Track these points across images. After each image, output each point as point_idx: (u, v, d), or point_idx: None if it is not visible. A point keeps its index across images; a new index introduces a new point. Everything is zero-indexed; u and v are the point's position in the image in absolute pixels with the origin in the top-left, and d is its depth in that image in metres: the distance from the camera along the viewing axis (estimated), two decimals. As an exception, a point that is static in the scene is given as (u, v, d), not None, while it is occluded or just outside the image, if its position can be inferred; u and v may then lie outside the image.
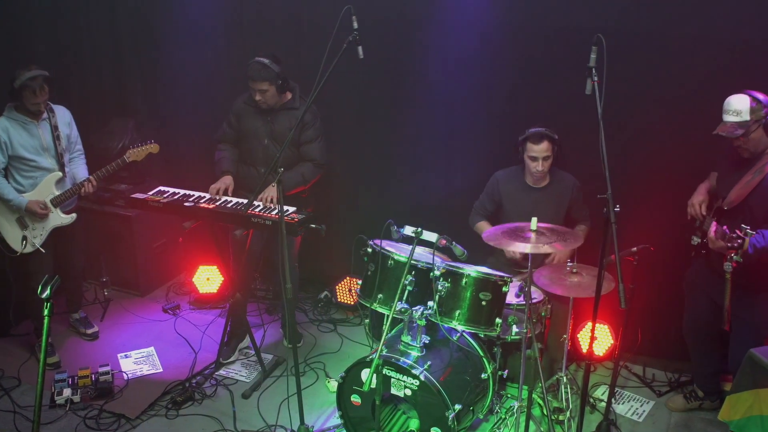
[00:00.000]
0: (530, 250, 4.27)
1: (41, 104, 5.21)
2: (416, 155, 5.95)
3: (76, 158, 5.60)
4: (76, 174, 5.52)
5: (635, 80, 5.01)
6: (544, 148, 5.00)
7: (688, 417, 5.12)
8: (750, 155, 4.26)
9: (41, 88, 5.11)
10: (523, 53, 5.36)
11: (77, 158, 5.61)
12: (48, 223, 5.40)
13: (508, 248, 4.35)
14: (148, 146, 5.59)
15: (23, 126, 5.24)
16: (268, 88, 5.21)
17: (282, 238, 4.21)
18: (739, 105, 4.13)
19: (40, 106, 5.22)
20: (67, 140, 5.47)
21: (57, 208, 5.40)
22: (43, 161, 5.34)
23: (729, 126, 4.16)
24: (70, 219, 5.50)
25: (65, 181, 5.47)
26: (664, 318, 5.34)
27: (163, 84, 6.79)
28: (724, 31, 4.76)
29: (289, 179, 5.21)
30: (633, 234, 4.54)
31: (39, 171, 5.35)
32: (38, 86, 5.09)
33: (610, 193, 3.54)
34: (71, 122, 5.55)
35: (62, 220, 5.45)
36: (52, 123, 5.36)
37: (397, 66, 5.77)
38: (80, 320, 6.04)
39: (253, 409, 5.12)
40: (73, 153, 5.59)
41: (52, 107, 5.40)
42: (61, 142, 5.40)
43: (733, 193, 4.32)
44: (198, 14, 6.33)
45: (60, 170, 5.41)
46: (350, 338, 6.10)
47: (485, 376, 4.65)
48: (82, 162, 5.63)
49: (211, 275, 6.62)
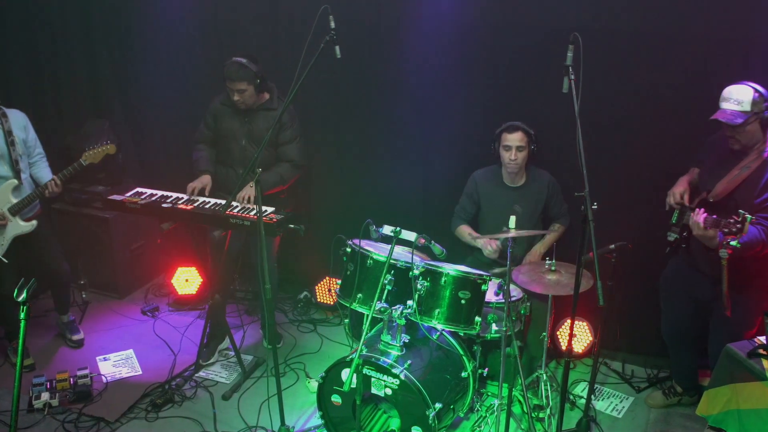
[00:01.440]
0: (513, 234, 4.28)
1: None
2: (394, 155, 5.95)
3: (38, 162, 5.42)
4: (40, 177, 5.37)
5: (612, 78, 5.03)
6: (517, 137, 5.02)
7: (667, 412, 5.15)
8: (741, 148, 4.23)
9: None
10: (500, 52, 5.36)
11: (39, 161, 5.43)
12: (7, 232, 5.22)
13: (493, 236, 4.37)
14: (104, 147, 5.37)
15: None
16: (247, 88, 5.19)
17: (261, 239, 4.20)
18: (742, 95, 4.08)
19: None
20: (23, 145, 5.26)
21: (16, 216, 5.22)
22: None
23: (729, 113, 4.10)
24: (31, 227, 5.29)
25: (23, 188, 5.26)
26: (643, 314, 5.37)
27: (139, 85, 6.74)
28: (700, 29, 4.78)
29: (268, 180, 5.21)
30: (611, 231, 4.56)
31: None
32: None
33: (588, 191, 3.56)
34: (27, 126, 5.32)
35: (22, 228, 5.26)
36: (6, 128, 5.12)
37: (374, 66, 5.77)
38: (67, 324, 5.95)
39: (234, 411, 5.10)
40: (34, 157, 5.40)
41: (4, 111, 5.17)
42: (16, 147, 5.16)
43: (719, 186, 4.30)
44: (173, 14, 6.28)
45: (16, 177, 5.19)
46: (330, 338, 6.10)
47: (465, 374, 4.66)
48: (44, 165, 5.45)
49: (190, 276, 6.59)
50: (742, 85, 4.11)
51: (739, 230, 3.87)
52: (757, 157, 4.18)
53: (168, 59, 6.47)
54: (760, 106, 4.06)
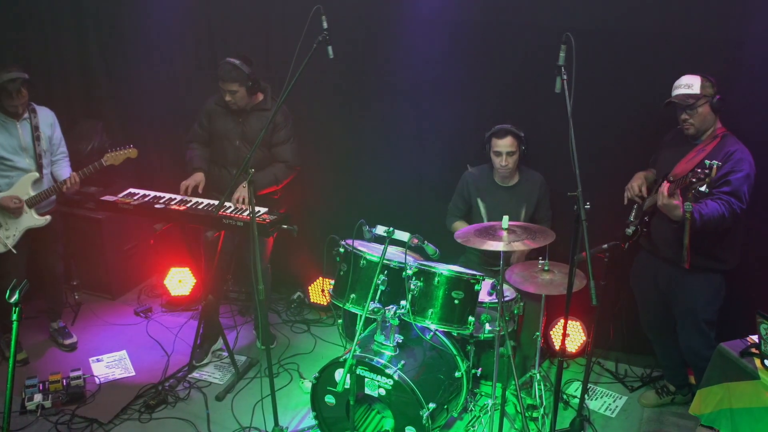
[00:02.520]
0: (503, 248, 4.28)
1: (18, 106, 5.16)
2: (387, 155, 5.95)
3: (60, 160, 5.56)
4: (60, 175, 5.48)
5: (605, 78, 5.04)
6: (507, 143, 5.02)
7: (660, 412, 5.16)
8: (695, 131, 4.44)
9: (18, 91, 5.06)
10: (494, 52, 5.37)
11: (61, 160, 5.57)
12: (21, 223, 5.32)
13: (481, 247, 4.36)
14: (126, 151, 5.53)
15: (2, 124, 5.18)
16: (238, 89, 5.19)
17: (254, 240, 4.20)
18: (690, 80, 4.37)
19: (17, 108, 5.17)
20: (48, 142, 5.42)
21: (32, 209, 5.33)
22: (20, 161, 5.27)
23: (680, 95, 4.36)
24: (44, 221, 5.42)
25: (42, 182, 5.39)
26: (636, 313, 5.37)
27: (132, 85, 6.73)
28: (693, 30, 4.80)
29: (261, 180, 5.20)
30: (604, 231, 4.57)
31: (15, 171, 5.28)
32: (15, 89, 5.04)
33: (580, 191, 3.57)
34: (54, 123, 5.50)
35: (36, 221, 5.37)
36: (33, 123, 5.30)
37: (367, 66, 5.77)
38: (59, 330, 5.94)
39: (227, 412, 5.09)
40: (57, 155, 5.54)
41: (34, 108, 5.36)
42: (41, 143, 5.34)
43: (678, 167, 4.46)
44: (166, 14, 6.27)
45: (37, 171, 5.34)
46: (324, 339, 6.09)
47: (459, 374, 4.66)
48: (66, 164, 5.59)
49: (183, 277, 6.59)
50: (690, 74, 4.39)
51: (707, 175, 3.91)
52: (711, 140, 4.41)
53: (161, 59, 6.47)
54: (708, 90, 4.34)
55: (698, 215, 4.14)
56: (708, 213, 4.15)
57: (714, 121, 4.42)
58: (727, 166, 4.23)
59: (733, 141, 4.35)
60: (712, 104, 4.33)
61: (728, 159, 4.25)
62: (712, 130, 4.43)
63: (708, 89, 4.32)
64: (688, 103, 4.32)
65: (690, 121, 4.40)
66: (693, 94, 4.31)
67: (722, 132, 4.42)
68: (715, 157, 4.24)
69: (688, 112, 4.37)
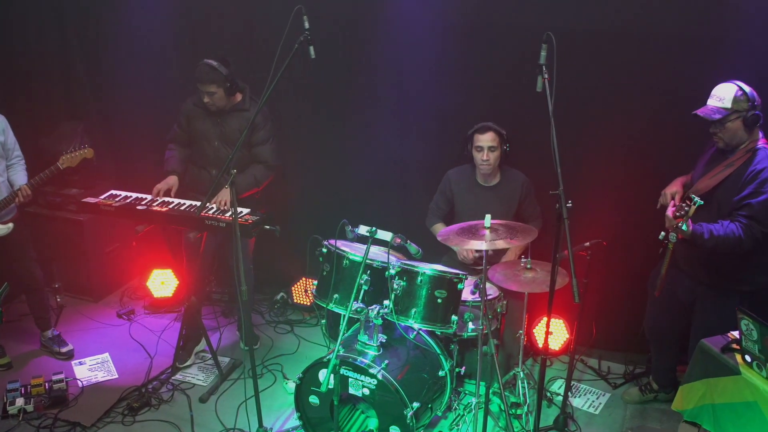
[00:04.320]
0: (486, 247, 4.29)
1: None
2: (369, 154, 5.95)
3: (15, 164, 5.40)
4: (15, 181, 5.34)
5: (587, 78, 5.06)
6: (489, 138, 5.04)
7: (643, 408, 5.19)
8: (725, 146, 4.24)
9: None
10: (474, 51, 5.39)
11: (16, 164, 5.41)
12: None
13: (463, 247, 4.37)
14: (82, 151, 5.42)
15: None
16: (216, 91, 5.18)
17: (236, 241, 4.19)
18: (724, 92, 4.12)
19: None
20: (1, 148, 5.25)
21: None
22: None
23: (708, 108, 4.15)
24: (7, 229, 5.25)
25: (0, 190, 5.25)
26: (618, 311, 5.42)
27: (112, 87, 6.71)
28: (675, 29, 4.83)
29: (242, 181, 5.19)
30: (585, 229, 4.59)
31: None
32: None
33: (562, 189, 3.58)
34: (6, 129, 5.30)
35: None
36: None
37: (349, 66, 5.77)
38: (53, 339, 5.84)
39: (211, 413, 5.08)
40: (11, 160, 5.38)
41: None
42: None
43: (701, 183, 4.32)
44: (147, 15, 6.25)
45: None
46: (307, 339, 6.09)
47: (443, 373, 4.66)
48: (21, 168, 5.42)
49: (166, 279, 6.57)
50: (729, 83, 4.15)
51: (686, 213, 3.92)
52: (743, 156, 4.18)
53: (142, 60, 6.44)
54: (742, 104, 4.07)
55: (709, 235, 4.07)
56: (722, 234, 4.07)
57: (749, 136, 4.17)
58: (751, 187, 4.07)
59: (763, 157, 4.11)
60: (745, 120, 4.09)
61: (753, 179, 4.08)
62: (747, 145, 4.18)
63: (742, 103, 4.06)
64: (712, 118, 4.11)
65: (719, 135, 4.21)
66: (722, 108, 4.10)
67: (759, 145, 4.17)
68: (742, 174, 4.12)
69: (716, 125, 4.17)
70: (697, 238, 4.09)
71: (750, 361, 3.79)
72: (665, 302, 4.77)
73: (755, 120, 4.10)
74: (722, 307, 4.39)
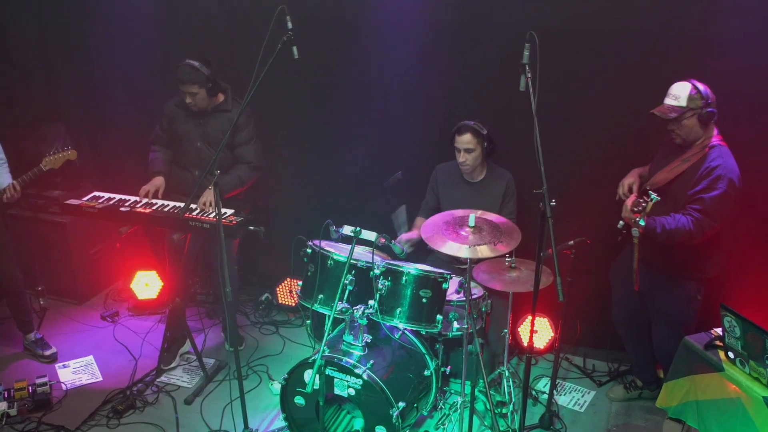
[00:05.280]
0: (468, 255, 4.28)
1: None
2: (353, 154, 5.94)
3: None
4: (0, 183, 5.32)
5: (570, 76, 5.09)
6: (466, 140, 5.04)
7: (628, 405, 5.22)
8: (682, 142, 4.35)
9: None
10: (460, 50, 5.40)
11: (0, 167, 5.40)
12: None
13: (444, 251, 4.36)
14: (65, 153, 5.39)
15: None
16: (198, 91, 5.17)
17: (220, 242, 4.18)
18: (679, 90, 4.23)
19: None
20: None
21: None
22: None
23: (665, 107, 4.28)
24: None
25: None
26: (603, 309, 5.42)
27: (94, 87, 6.68)
28: (656, 28, 4.86)
29: (226, 182, 5.18)
30: (569, 228, 4.61)
31: None
32: None
33: (546, 188, 3.59)
34: None
35: None
36: None
37: (333, 65, 5.77)
38: (36, 342, 5.79)
39: (197, 415, 5.07)
40: None
41: None
42: None
43: (658, 176, 4.45)
44: (130, 14, 6.23)
45: None
46: (292, 340, 6.08)
47: (428, 372, 4.67)
48: (5, 171, 5.39)
49: (150, 281, 6.54)
50: (683, 82, 4.26)
51: (643, 209, 4.00)
52: (699, 152, 4.29)
53: (124, 61, 6.41)
54: (696, 102, 4.19)
55: (661, 229, 4.18)
56: (673, 228, 4.17)
57: (704, 132, 4.29)
58: (704, 182, 4.18)
59: (718, 155, 4.23)
60: (700, 116, 4.21)
61: (707, 175, 4.19)
62: (702, 141, 4.30)
63: (696, 101, 4.18)
64: (669, 117, 4.24)
65: (676, 131, 4.32)
66: (677, 106, 4.22)
67: (713, 143, 4.28)
68: (697, 170, 4.24)
69: (673, 123, 4.30)
70: (650, 231, 4.20)
71: (733, 358, 3.82)
72: (626, 293, 4.87)
73: (710, 116, 4.22)
74: (677, 292, 4.60)
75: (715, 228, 4.21)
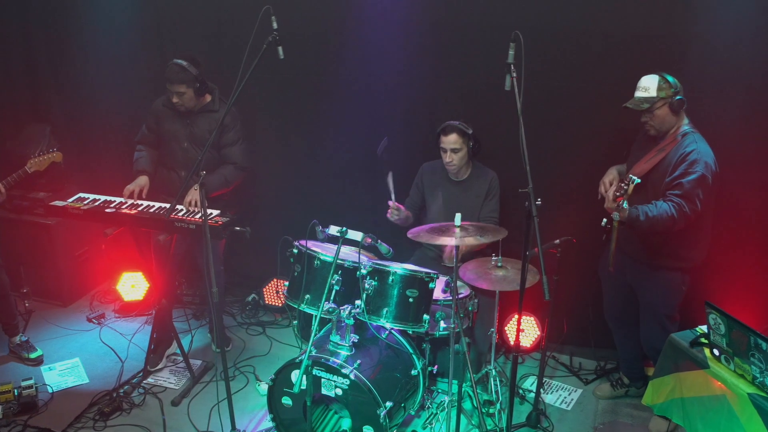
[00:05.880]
0: (456, 243, 4.29)
1: None
2: (339, 154, 5.96)
3: None
4: None
5: (555, 75, 5.10)
6: (452, 140, 5.05)
7: (615, 403, 5.24)
8: (656, 132, 4.44)
9: None
10: (446, 50, 5.41)
11: None
12: None
13: (433, 243, 4.39)
14: (50, 155, 5.37)
15: None
16: (186, 91, 5.15)
17: (206, 242, 4.17)
18: (648, 82, 4.34)
19: None
20: None
21: None
22: None
23: (636, 100, 4.36)
24: None
25: None
26: (589, 307, 5.45)
27: (80, 88, 6.64)
28: (640, 27, 4.88)
29: (212, 182, 5.16)
30: (555, 227, 4.62)
31: None
32: None
33: (531, 187, 3.60)
34: None
35: None
36: None
37: (317, 65, 5.77)
38: (21, 344, 5.75)
39: (184, 417, 5.05)
40: None
41: None
42: None
43: (636, 168, 4.49)
44: (114, 14, 6.21)
45: None
46: (279, 340, 6.07)
47: (415, 372, 4.67)
48: None
49: (136, 282, 6.52)
50: (651, 75, 4.36)
51: (625, 191, 4.04)
52: (673, 140, 4.38)
53: (110, 60, 6.38)
54: (666, 91, 4.29)
55: (644, 216, 4.21)
56: (656, 214, 4.21)
57: (676, 121, 4.39)
58: (681, 168, 4.25)
59: (692, 141, 4.32)
60: (671, 105, 4.30)
61: (683, 160, 4.26)
62: (675, 129, 4.40)
63: (666, 90, 4.28)
64: (641, 108, 4.33)
65: (650, 123, 4.40)
66: (648, 97, 4.30)
67: (686, 131, 4.38)
68: (673, 157, 4.31)
69: (646, 114, 4.37)
70: (634, 220, 4.24)
71: (718, 355, 3.85)
72: (616, 287, 4.95)
73: (680, 104, 4.33)
74: (662, 282, 4.62)
75: (697, 212, 4.25)
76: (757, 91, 4.75)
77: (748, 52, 4.69)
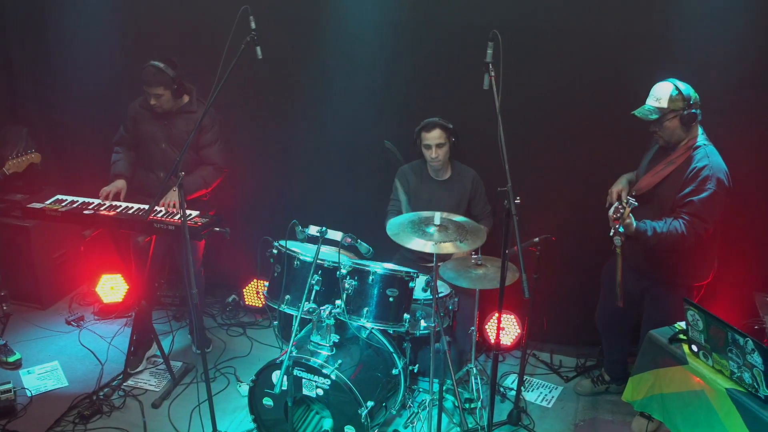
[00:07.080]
0: (432, 250, 4.30)
1: None
2: (318, 154, 5.95)
3: None
4: None
5: (534, 75, 5.12)
6: (436, 135, 5.07)
7: (596, 400, 5.27)
8: (665, 143, 4.34)
9: None
10: (423, 50, 5.41)
11: None
12: None
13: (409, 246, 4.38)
14: (28, 156, 5.30)
15: None
16: (163, 93, 5.13)
17: (186, 244, 4.15)
18: (661, 92, 4.21)
19: None
20: None
21: None
22: None
23: (646, 110, 4.25)
24: None
25: None
26: (568, 305, 5.48)
27: (57, 89, 6.59)
28: (621, 26, 4.91)
29: (191, 183, 5.13)
30: (534, 225, 4.63)
31: None
32: None
33: (510, 186, 3.61)
34: None
35: None
36: None
37: (296, 65, 5.76)
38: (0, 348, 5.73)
39: (164, 419, 5.03)
40: None
41: None
42: None
43: (643, 181, 4.42)
44: (91, 15, 6.16)
45: None
46: (260, 341, 6.06)
47: (396, 371, 4.68)
48: None
49: (115, 284, 6.48)
50: (665, 82, 4.24)
51: (620, 216, 3.99)
52: (684, 153, 4.27)
53: (87, 62, 6.34)
54: (677, 103, 4.17)
55: (652, 232, 4.15)
56: (665, 231, 4.15)
57: (687, 133, 4.27)
58: (692, 185, 4.16)
59: (704, 155, 4.21)
60: (681, 118, 4.19)
61: (694, 177, 4.17)
62: (687, 142, 4.29)
63: (677, 102, 4.16)
64: (650, 118, 4.23)
65: (659, 133, 4.31)
66: (658, 108, 4.20)
67: (698, 144, 4.26)
68: (683, 172, 4.22)
69: (654, 125, 4.28)
70: (641, 235, 4.17)
71: (696, 351, 3.86)
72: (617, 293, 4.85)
73: (692, 118, 4.20)
74: (669, 300, 4.48)
75: (708, 230, 4.19)
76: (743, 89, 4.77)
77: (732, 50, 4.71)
